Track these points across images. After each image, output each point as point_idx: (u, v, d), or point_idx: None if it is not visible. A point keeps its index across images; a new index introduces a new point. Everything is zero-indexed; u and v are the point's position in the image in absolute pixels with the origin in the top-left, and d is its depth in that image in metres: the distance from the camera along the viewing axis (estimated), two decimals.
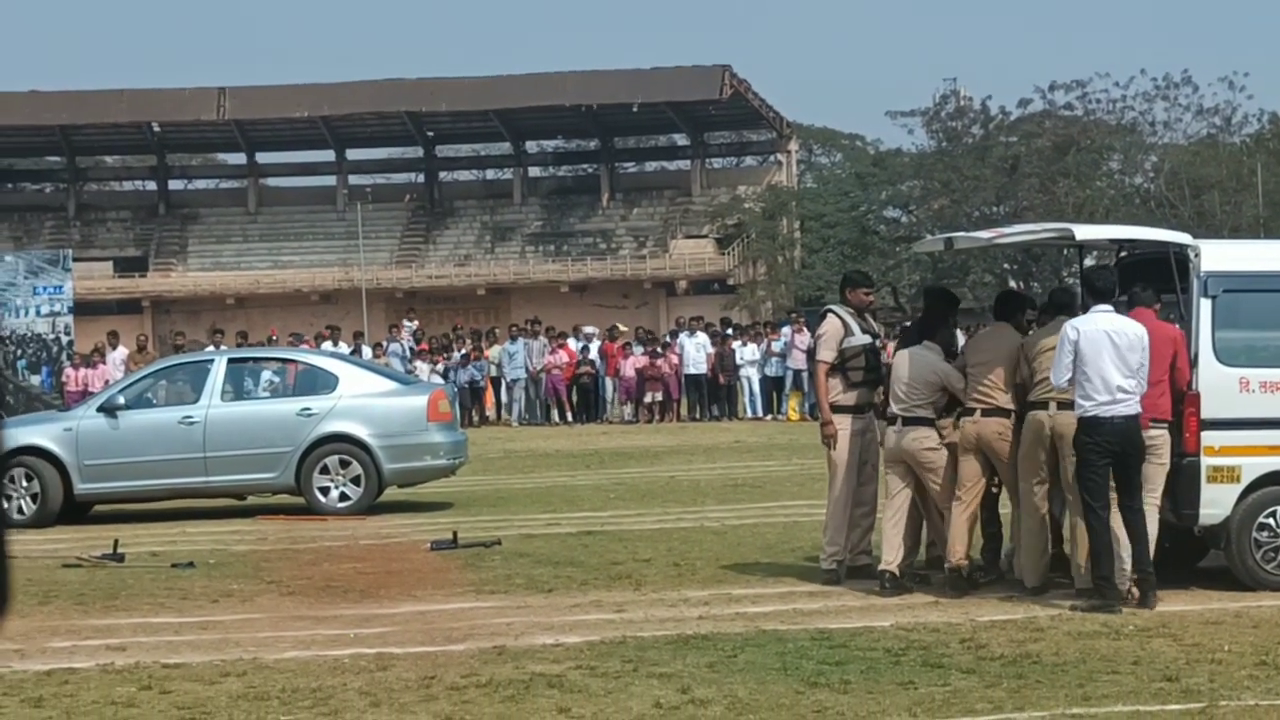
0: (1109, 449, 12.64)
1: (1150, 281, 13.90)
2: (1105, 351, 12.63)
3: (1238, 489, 13.16)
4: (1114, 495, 12.83)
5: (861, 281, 15.18)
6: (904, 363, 13.94)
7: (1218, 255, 13.55)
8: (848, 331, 14.48)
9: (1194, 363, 13.16)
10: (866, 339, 14.54)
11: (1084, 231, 14.84)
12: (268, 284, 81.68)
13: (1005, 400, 13.48)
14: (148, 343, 37.67)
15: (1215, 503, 13.15)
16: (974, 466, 13.62)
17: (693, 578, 14.65)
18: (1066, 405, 12.98)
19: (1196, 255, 13.33)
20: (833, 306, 14.85)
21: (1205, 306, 13.22)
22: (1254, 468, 13.20)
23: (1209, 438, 13.13)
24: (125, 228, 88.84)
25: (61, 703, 9.96)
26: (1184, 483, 13.13)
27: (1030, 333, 13.78)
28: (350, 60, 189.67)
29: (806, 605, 13.13)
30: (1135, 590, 12.74)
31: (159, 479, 20.93)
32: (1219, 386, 13.17)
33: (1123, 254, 15.03)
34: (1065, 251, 24.26)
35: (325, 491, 20.83)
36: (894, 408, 13.85)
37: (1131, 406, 12.67)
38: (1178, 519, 13.38)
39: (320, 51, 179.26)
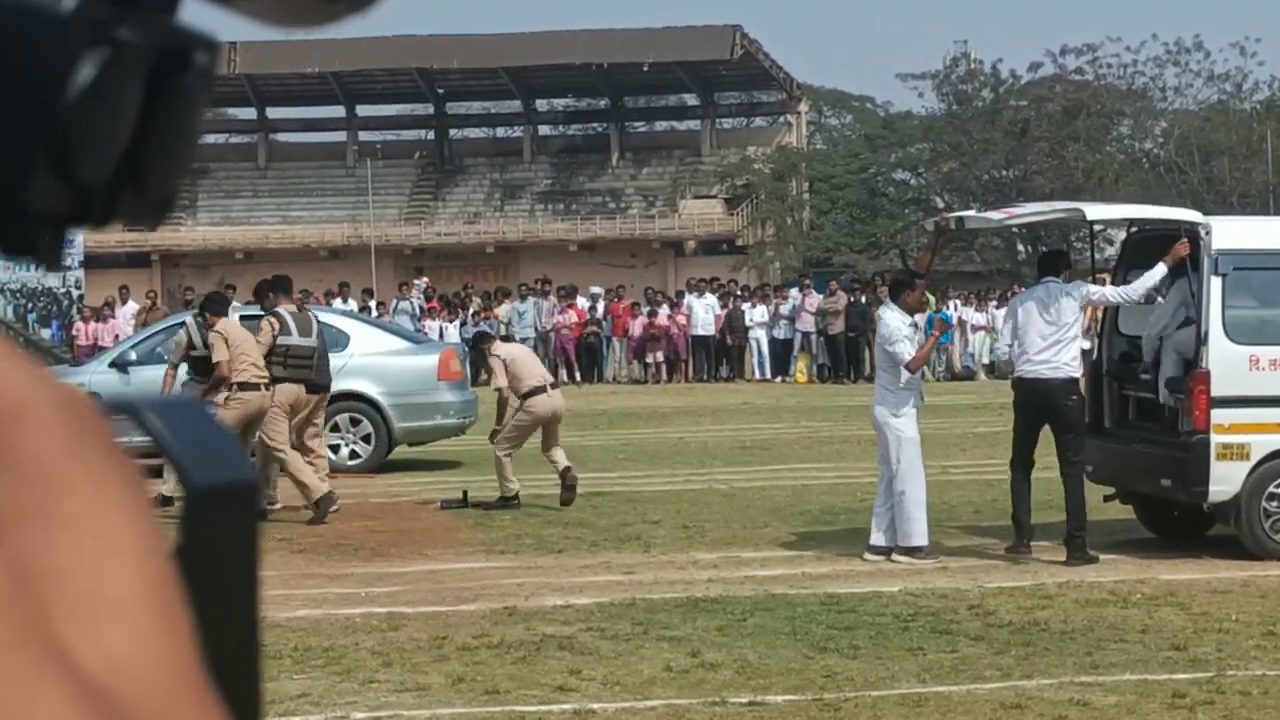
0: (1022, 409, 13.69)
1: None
2: (1029, 319, 13.48)
3: (1247, 466, 13.20)
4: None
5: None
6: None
7: (1228, 233, 13.58)
8: None
9: (1204, 340, 13.22)
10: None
11: (1095, 211, 14.94)
12: (277, 239, 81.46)
13: None
14: (157, 298, 37.63)
15: (1224, 480, 13.18)
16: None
17: (701, 540, 14.75)
18: None
19: (1207, 233, 13.35)
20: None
21: (1215, 284, 13.25)
22: (1263, 445, 13.23)
23: (1219, 415, 13.17)
24: None
25: None
26: (1193, 460, 13.18)
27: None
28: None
29: (815, 569, 13.22)
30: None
31: None
32: (1229, 364, 13.21)
33: (1133, 230, 15.08)
34: None
35: (335, 449, 20.86)
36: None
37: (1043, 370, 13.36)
38: (1187, 496, 13.45)
39: None
